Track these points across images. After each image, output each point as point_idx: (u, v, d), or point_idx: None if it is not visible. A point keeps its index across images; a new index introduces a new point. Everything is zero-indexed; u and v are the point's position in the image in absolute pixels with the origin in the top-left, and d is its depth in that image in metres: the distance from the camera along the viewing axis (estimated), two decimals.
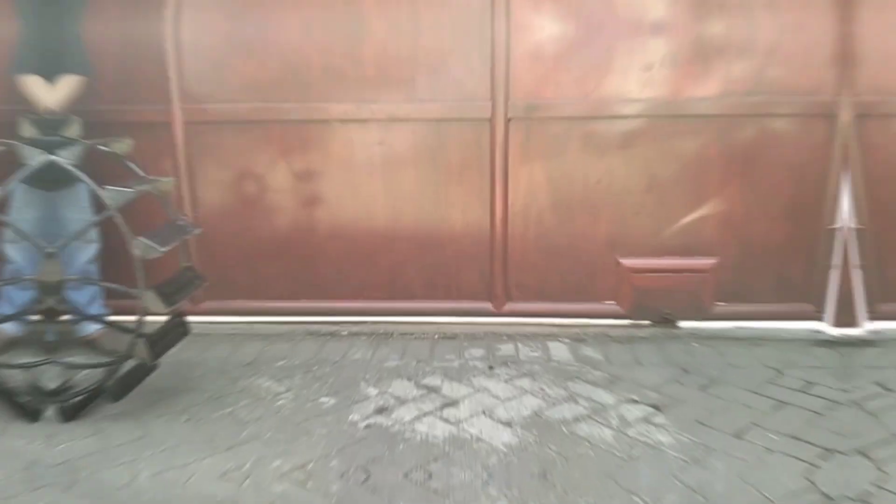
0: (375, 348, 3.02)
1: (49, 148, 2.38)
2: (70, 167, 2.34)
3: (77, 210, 2.77)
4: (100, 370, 2.36)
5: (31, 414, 2.33)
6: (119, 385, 2.32)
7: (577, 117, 3.01)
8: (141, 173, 2.52)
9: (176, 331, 2.51)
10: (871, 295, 3.04)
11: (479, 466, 2.04)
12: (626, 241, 3.13)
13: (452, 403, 2.46)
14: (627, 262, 3.14)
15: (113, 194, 2.27)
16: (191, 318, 2.59)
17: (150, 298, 2.23)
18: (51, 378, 2.41)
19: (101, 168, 2.48)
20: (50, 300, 2.34)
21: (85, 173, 2.33)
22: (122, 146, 2.54)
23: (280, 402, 2.50)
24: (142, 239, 2.22)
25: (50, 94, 2.69)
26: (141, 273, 2.22)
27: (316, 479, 2.00)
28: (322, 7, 3.01)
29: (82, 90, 2.76)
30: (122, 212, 2.26)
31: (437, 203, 3.16)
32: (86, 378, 2.38)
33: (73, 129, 2.66)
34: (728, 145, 3.00)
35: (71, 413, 2.34)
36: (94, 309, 2.88)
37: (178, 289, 2.41)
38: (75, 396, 2.36)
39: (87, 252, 2.83)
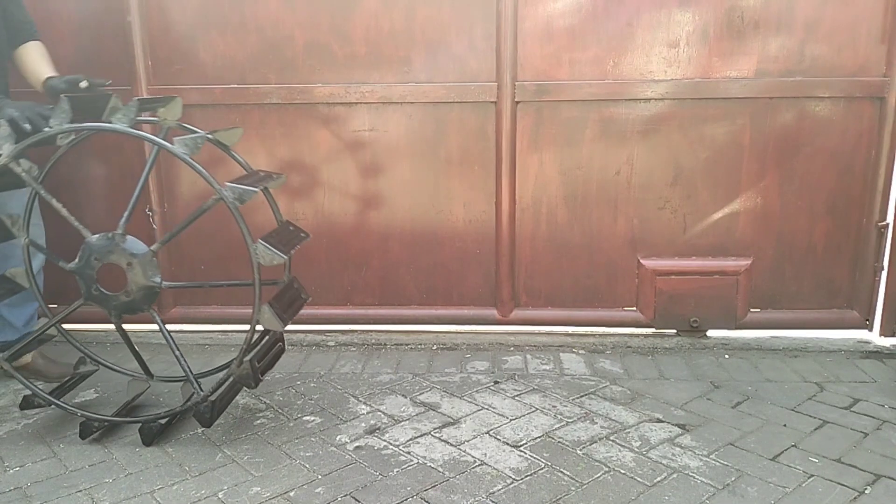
0: (366, 360, 3.02)
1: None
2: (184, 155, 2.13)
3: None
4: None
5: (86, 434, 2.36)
6: (214, 408, 2.29)
7: (594, 100, 3.02)
8: (249, 167, 2.44)
9: (275, 349, 2.51)
10: None
11: (482, 494, 2.04)
12: (648, 239, 3.14)
13: (453, 423, 2.47)
14: (650, 263, 3.15)
15: (236, 191, 2.13)
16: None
17: (267, 316, 2.20)
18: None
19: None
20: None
21: None
22: (231, 136, 2.38)
23: (258, 421, 2.50)
24: (263, 244, 2.14)
25: (43, 67, 2.53)
26: (258, 285, 2.17)
27: None
28: None
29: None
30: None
31: (436, 197, 3.17)
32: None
33: (177, 110, 2.42)
34: (763, 132, 3.01)
35: (153, 435, 2.34)
36: (27, 329, 2.78)
37: (289, 304, 2.36)
38: (160, 418, 2.35)
39: (34, 263, 2.58)
